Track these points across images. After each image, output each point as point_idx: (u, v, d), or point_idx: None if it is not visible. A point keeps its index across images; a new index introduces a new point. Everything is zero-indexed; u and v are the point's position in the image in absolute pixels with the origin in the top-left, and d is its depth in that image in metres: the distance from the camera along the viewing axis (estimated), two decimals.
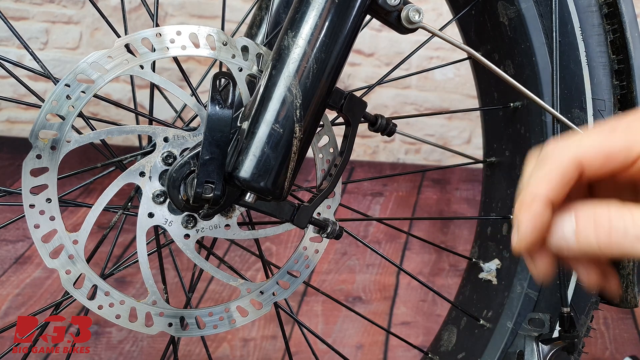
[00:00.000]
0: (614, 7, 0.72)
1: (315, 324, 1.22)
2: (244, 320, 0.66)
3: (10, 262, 1.28)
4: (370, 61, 1.78)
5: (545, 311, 0.77)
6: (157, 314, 0.63)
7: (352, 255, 1.44)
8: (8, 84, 1.67)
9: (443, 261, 1.45)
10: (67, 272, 0.60)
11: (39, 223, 0.59)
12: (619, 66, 0.73)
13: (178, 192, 0.60)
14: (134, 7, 1.65)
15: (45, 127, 0.57)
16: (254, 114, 0.57)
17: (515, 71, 0.80)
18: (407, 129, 1.86)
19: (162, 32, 0.60)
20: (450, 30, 0.75)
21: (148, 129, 0.61)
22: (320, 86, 0.57)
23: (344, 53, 0.58)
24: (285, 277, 0.68)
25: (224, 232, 0.64)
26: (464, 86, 1.82)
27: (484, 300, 0.85)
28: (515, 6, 0.76)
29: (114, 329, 1.13)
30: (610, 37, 0.73)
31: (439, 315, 1.27)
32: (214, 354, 1.12)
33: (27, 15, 1.64)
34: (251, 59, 0.63)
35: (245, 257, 1.38)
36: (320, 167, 0.67)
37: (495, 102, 0.88)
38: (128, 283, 1.26)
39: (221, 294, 1.26)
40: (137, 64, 0.60)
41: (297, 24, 0.56)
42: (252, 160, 0.56)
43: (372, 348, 1.18)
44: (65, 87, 0.58)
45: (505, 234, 0.86)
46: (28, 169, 0.58)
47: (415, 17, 0.60)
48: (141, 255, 0.62)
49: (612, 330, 1.27)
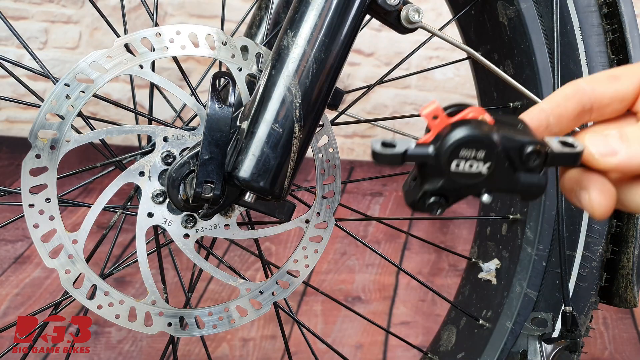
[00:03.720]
0: (613, 7, 0.72)
1: (314, 324, 1.21)
2: (243, 320, 0.66)
3: (9, 262, 1.28)
4: (369, 61, 1.78)
5: (545, 311, 0.77)
6: (156, 313, 0.63)
7: (352, 255, 1.44)
8: (7, 83, 1.67)
9: (442, 261, 1.45)
10: (67, 272, 0.60)
11: (38, 223, 0.59)
12: (618, 66, 0.73)
13: (177, 192, 0.60)
14: (133, 6, 1.65)
15: (44, 126, 0.57)
16: (253, 114, 0.57)
17: (514, 71, 0.80)
18: (406, 129, 1.86)
19: (161, 32, 0.60)
20: (450, 30, 0.75)
21: (147, 128, 0.61)
22: (319, 86, 0.57)
23: (343, 53, 0.58)
24: (284, 276, 0.68)
25: (224, 231, 0.64)
26: (463, 86, 1.82)
27: (484, 300, 0.85)
28: (515, 6, 0.76)
29: (114, 328, 1.13)
30: (609, 37, 0.73)
31: (438, 315, 1.27)
32: (213, 354, 1.12)
33: (27, 14, 1.64)
34: (251, 59, 0.63)
35: (244, 256, 1.38)
36: (320, 167, 0.67)
37: (494, 102, 0.88)
38: (127, 283, 1.26)
39: (220, 294, 1.26)
40: (136, 64, 0.60)
41: (297, 23, 0.56)
42: (252, 160, 0.56)
43: (371, 348, 1.18)
44: (64, 86, 0.58)
45: (505, 234, 0.86)
46: (27, 168, 0.58)
47: (414, 16, 0.60)
48: (140, 255, 0.62)
49: (612, 330, 1.27)
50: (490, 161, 0.37)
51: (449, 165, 0.37)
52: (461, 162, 0.37)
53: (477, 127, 0.37)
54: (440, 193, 0.38)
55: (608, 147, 0.38)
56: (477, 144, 0.37)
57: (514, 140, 0.37)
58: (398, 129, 1.78)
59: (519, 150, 0.37)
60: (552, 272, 0.77)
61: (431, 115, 0.38)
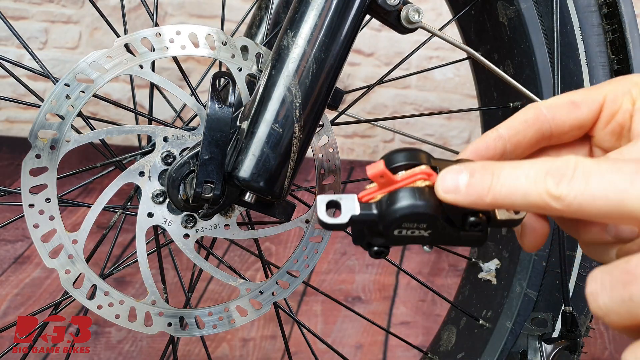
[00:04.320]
0: (613, 7, 0.72)
1: (314, 324, 1.21)
2: (243, 320, 0.66)
3: (9, 262, 1.28)
4: (369, 61, 1.77)
5: (545, 311, 0.77)
6: (156, 313, 0.63)
7: (352, 255, 1.44)
8: (7, 83, 1.67)
9: (442, 261, 1.45)
10: (67, 272, 0.60)
11: (38, 223, 0.59)
12: (618, 66, 0.73)
13: (177, 192, 0.60)
14: (133, 6, 1.65)
15: (44, 126, 0.57)
16: (253, 114, 0.57)
17: (514, 71, 0.80)
18: (406, 129, 1.86)
19: (161, 32, 0.60)
20: (450, 30, 0.75)
21: (147, 128, 0.61)
22: (319, 86, 0.57)
23: (343, 53, 0.58)
24: (284, 277, 0.67)
25: (224, 231, 0.64)
26: (463, 86, 1.82)
27: (484, 300, 0.85)
28: (515, 6, 0.76)
29: (113, 328, 1.13)
30: (609, 37, 0.73)
31: (438, 315, 1.27)
32: (213, 354, 1.12)
33: (27, 14, 1.64)
34: (251, 59, 0.63)
35: (244, 256, 1.38)
36: (320, 167, 0.67)
37: (494, 102, 0.88)
38: (127, 283, 1.25)
39: (220, 294, 1.26)
40: (136, 64, 0.60)
41: (297, 23, 0.56)
42: (252, 160, 0.56)
43: (371, 348, 1.18)
44: (64, 86, 0.58)
45: (505, 234, 0.86)
46: (27, 168, 0.58)
47: (414, 16, 0.60)
48: (140, 255, 0.62)
49: (612, 331, 1.27)
50: (431, 229, 0.38)
51: (392, 232, 0.38)
52: (403, 230, 0.38)
53: (420, 199, 0.37)
54: (383, 246, 0.40)
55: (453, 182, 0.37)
56: (419, 218, 0.37)
57: (456, 210, 0.37)
58: (398, 129, 1.78)
59: (461, 218, 0.38)
60: (552, 272, 0.77)
61: (377, 176, 0.38)
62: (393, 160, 0.39)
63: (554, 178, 0.32)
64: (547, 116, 0.42)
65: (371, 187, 0.39)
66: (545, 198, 0.32)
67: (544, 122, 0.42)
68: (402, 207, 0.37)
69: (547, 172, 0.33)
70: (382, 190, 0.38)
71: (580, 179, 0.31)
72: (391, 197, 0.38)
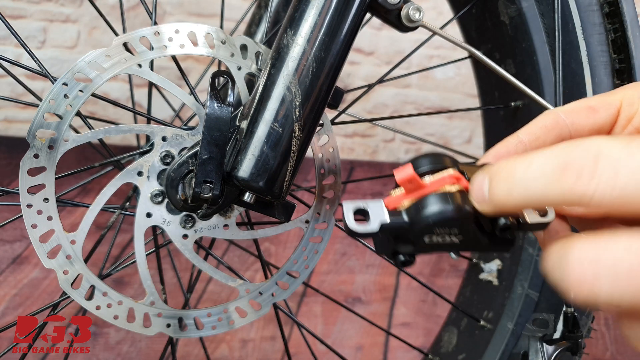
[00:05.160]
0: (615, 6, 0.71)
1: (314, 325, 1.21)
2: (242, 321, 0.66)
3: (7, 262, 1.27)
4: (370, 60, 1.77)
5: (546, 312, 0.76)
6: (155, 314, 0.63)
7: (352, 255, 1.43)
8: (5, 82, 1.67)
9: (443, 262, 1.44)
10: (65, 273, 0.59)
11: (36, 223, 0.58)
12: (620, 65, 0.73)
13: (176, 192, 0.60)
14: (132, 5, 1.65)
15: (42, 126, 0.57)
16: (252, 113, 0.56)
17: (516, 70, 0.80)
18: (407, 129, 1.86)
19: (160, 31, 0.60)
20: (451, 29, 0.74)
21: (146, 128, 0.61)
22: (319, 85, 0.56)
23: (343, 51, 0.57)
24: (284, 277, 0.67)
25: (223, 232, 0.63)
26: (464, 85, 1.81)
27: (485, 301, 0.85)
28: (516, 5, 0.75)
29: (112, 329, 1.13)
30: (611, 36, 0.73)
31: (439, 316, 1.26)
32: (212, 355, 1.11)
33: (25, 13, 1.63)
34: (250, 58, 0.63)
35: (244, 257, 1.38)
36: (320, 167, 0.66)
37: (496, 101, 0.88)
38: (126, 283, 1.25)
39: (220, 295, 1.25)
40: (135, 63, 0.59)
41: (297, 22, 0.56)
42: (251, 159, 0.55)
43: (371, 349, 1.18)
44: (63, 86, 0.57)
45: None
46: (25, 168, 0.57)
47: (415, 15, 0.60)
48: (139, 256, 0.61)
49: (613, 331, 1.27)
50: (462, 234, 0.37)
51: (422, 239, 0.37)
52: (434, 236, 0.37)
53: (452, 204, 0.36)
54: (410, 254, 0.39)
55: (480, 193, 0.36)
56: (452, 223, 0.37)
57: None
58: (398, 129, 1.78)
59: (491, 222, 0.37)
60: None
61: (406, 181, 0.37)
62: (419, 164, 0.39)
63: (572, 172, 0.28)
64: (566, 121, 0.42)
65: (397, 193, 0.39)
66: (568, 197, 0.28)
67: (563, 127, 0.42)
68: (436, 213, 0.36)
69: (565, 166, 0.28)
70: (410, 196, 0.38)
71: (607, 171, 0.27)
72: (422, 203, 0.37)
